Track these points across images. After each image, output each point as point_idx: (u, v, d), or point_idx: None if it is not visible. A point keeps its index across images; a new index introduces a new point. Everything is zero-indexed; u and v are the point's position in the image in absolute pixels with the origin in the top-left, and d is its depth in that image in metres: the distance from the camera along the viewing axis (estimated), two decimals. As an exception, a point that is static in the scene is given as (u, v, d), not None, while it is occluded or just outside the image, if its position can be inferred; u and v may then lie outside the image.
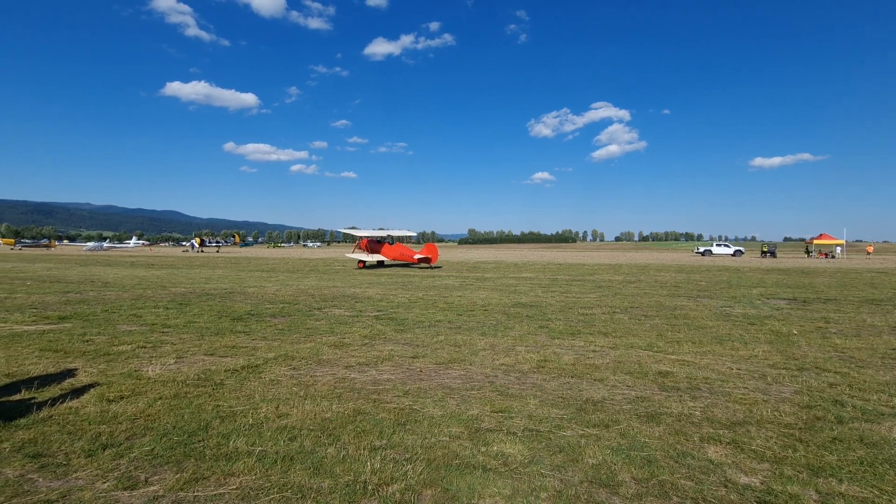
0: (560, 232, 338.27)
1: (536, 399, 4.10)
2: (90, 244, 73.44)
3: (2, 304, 9.85)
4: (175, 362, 5.29)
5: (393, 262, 25.85)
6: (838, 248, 53.87)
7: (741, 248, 56.31)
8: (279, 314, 8.85)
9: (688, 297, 12.27)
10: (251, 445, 3.09)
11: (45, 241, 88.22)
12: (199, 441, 3.15)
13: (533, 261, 36.94)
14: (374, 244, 25.18)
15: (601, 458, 2.99)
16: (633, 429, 3.46)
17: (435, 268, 24.96)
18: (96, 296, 11.45)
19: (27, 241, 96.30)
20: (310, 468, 2.79)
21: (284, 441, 3.16)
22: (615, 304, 10.62)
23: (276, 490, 2.55)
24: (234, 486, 2.58)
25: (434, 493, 2.55)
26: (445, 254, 60.16)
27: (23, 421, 3.44)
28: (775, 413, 3.82)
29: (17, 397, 4.01)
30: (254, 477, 2.69)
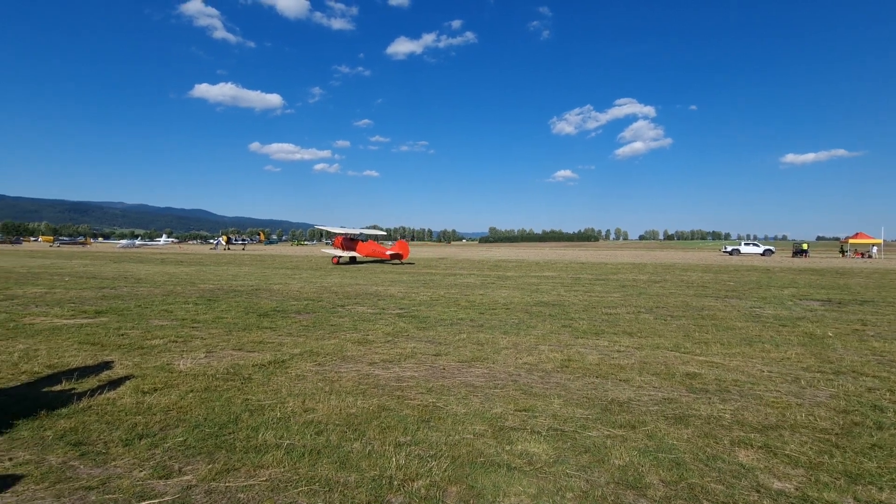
0: (582, 230, 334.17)
1: (560, 399, 4.07)
2: (123, 242, 76.09)
3: (43, 298, 10.30)
4: (205, 356, 5.44)
5: (365, 259, 27.25)
6: (875, 248, 51.65)
7: (771, 248, 54.56)
8: (304, 311, 9.00)
9: (715, 297, 11.97)
10: (279, 438, 3.16)
11: (80, 239, 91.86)
12: (230, 433, 3.24)
13: (555, 260, 36.61)
14: (348, 241, 26.90)
15: (628, 459, 2.95)
16: (660, 430, 3.40)
17: (407, 263, 26.34)
18: (129, 291, 11.86)
19: (65, 238, 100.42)
20: (336, 462, 2.84)
21: (311, 435, 3.22)
22: (640, 304, 10.43)
23: (304, 483, 2.60)
24: (264, 478, 2.65)
25: (459, 490, 2.56)
26: (466, 252, 60.09)
27: (64, 410, 3.59)
28: (810, 417, 3.69)
29: (58, 388, 4.19)
30: (283, 469, 2.74)
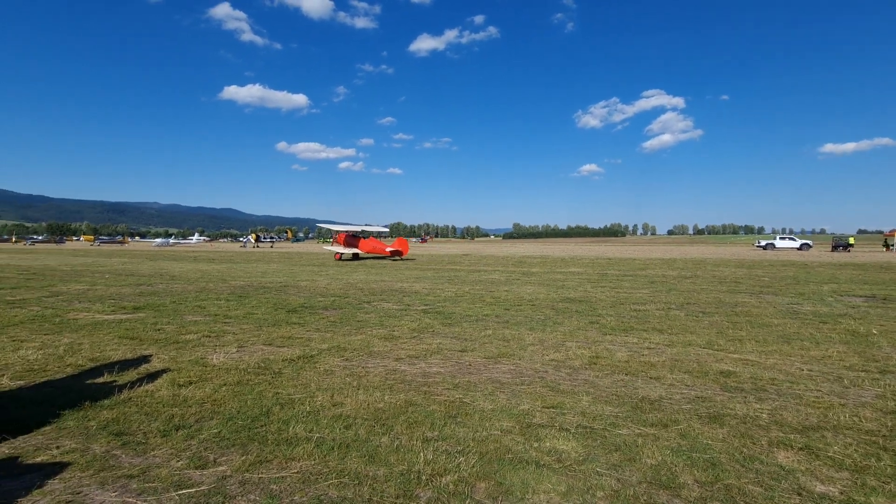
0: (609, 225, 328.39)
1: (589, 396, 4.01)
2: (158, 240, 78.90)
3: (85, 295, 10.77)
4: (237, 351, 5.59)
5: (367, 255, 27.96)
6: (924, 241, 48.87)
7: (808, 242, 52.35)
8: (331, 307, 9.13)
9: (749, 293, 11.57)
10: (309, 432, 3.21)
11: (119, 238, 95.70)
12: (262, 426, 3.31)
13: (581, 255, 36.08)
14: (350, 238, 27.90)
15: (660, 458, 2.88)
16: (693, 429, 3.31)
17: (407, 259, 27.39)
18: (165, 288, 12.28)
19: (104, 237, 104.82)
20: (365, 456, 2.87)
21: (340, 429, 3.26)
22: (670, 300, 10.18)
23: (334, 476, 2.64)
24: (296, 470, 2.70)
25: (487, 486, 2.55)
26: (490, 248, 59.83)
27: (106, 402, 3.75)
28: (854, 418, 3.53)
29: (100, 380, 4.38)
30: (313, 462, 2.79)
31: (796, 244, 51.32)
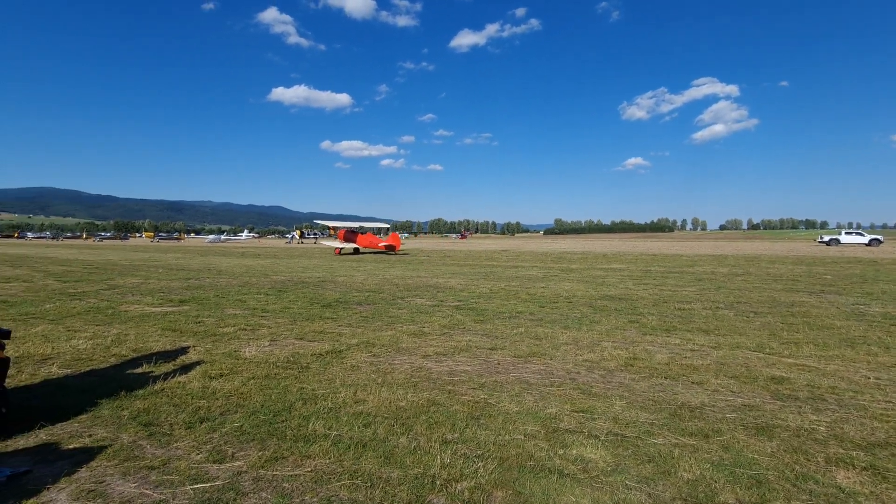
0: (655, 221, 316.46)
1: (623, 400, 3.76)
2: (210, 237, 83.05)
3: (138, 288, 11.38)
4: (269, 344, 5.68)
5: (366, 250, 29.90)
6: None
7: (878, 237, 48.23)
8: (364, 302, 9.19)
9: (808, 292, 10.71)
10: (328, 429, 3.17)
11: (176, 235, 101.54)
12: (282, 421, 3.31)
13: (624, 251, 34.87)
14: (350, 234, 29.92)
15: (699, 472, 2.64)
16: (738, 441, 3.02)
17: (401, 253, 29.32)
18: (211, 282, 12.80)
19: (163, 234, 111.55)
20: (381, 457, 2.79)
21: (359, 427, 3.20)
22: (718, 299, 9.58)
23: (347, 476, 2.57)
24: (309, 469, 2.66)
25: (505, 496, 2.41)
26: (529, 244, 58.95)
27: (140, 392, 3.87)
28: (931, 436, 3.12)
29: (139, 370, 4.55)
30: (328, 461, 2.74)
31: (864, 239, 47.46)
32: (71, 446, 2.96)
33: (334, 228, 31.96)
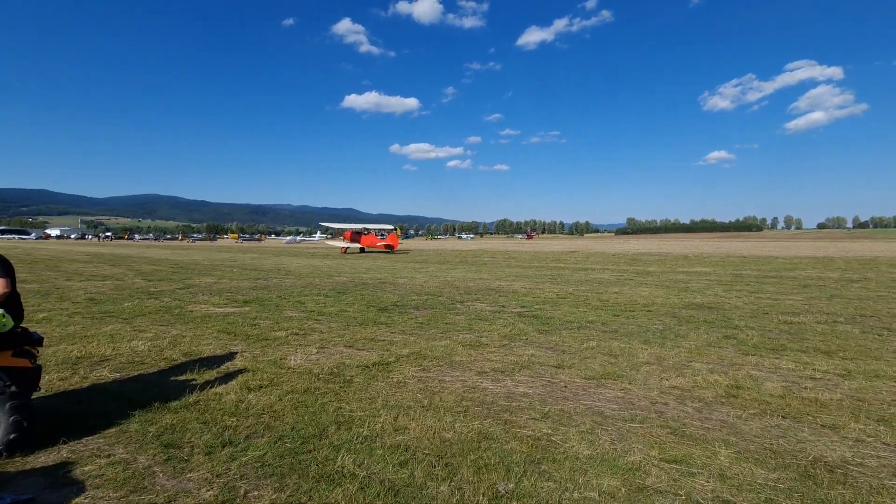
0: (741, 219, 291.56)
1: (729, 448, 2.93)
2: (287, 238, 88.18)
3: (210, 288, 11.83)
4: (316, 352, 5.38)
5: (370, 249, 33.20)
6: None
7: None
8: (422, 306, 8.77)
9: (957, 304, 8.76)
10: (358, 466, 2.69)
11: (257, 236, 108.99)
12: (310, 451, 2.88)
13: (707, 252, 31.94)
14: (356, 235, 33.55)
15: (861, 579, 1.82)
16: (914, 528, 2.13)
17: (400, 252, 32.54)
18: (277, 283, 13.07)
19: (246, 235, 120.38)
20: (415, 512, 2.25)
21: (394, 466, 2.69)
22: (834, 311, 8.06)
23: (369, 539, 2.06)
24: (327, 523, 2.17)
25: (573, 593, 1.76)
26: (600, 245, 56.11)
27: (174, 403, 3.64)
28: None
29: (182, 377, 4.38)
30: (350, 512, 2.25)
31: None
32: (87, 468, 2.71)
33: (340, 230, 36.02)
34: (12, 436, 2.79)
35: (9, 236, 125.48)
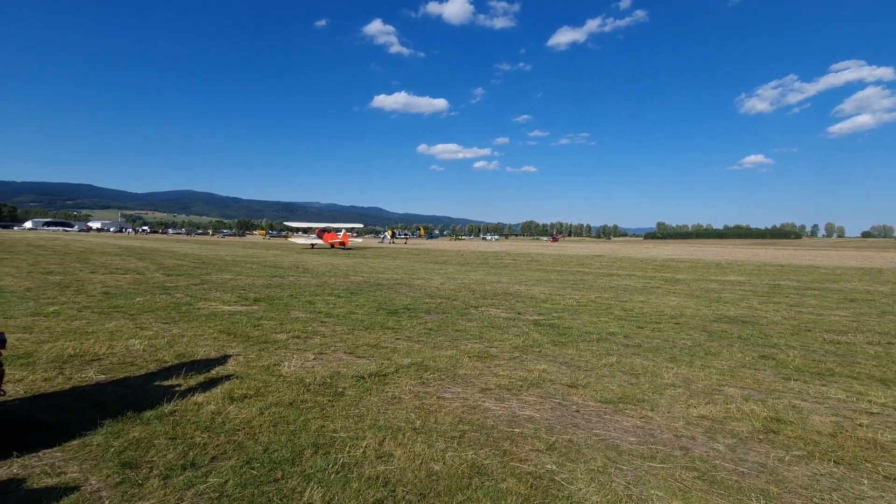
0: (778, 226, 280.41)
1: (770, 502, 2.45)
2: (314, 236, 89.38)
3: (225, 284, 11.77)
4: (314, 358, 5.08)
5: (329, 245, 38.35)
6: None
7: None
8: (434, 310, 8.41)
9: None
10: (328, 502, 2.33)
11: (284, 233, 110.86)
12: (277, 480, 2.54)
13: (742, 260, 30.48)
14: (321, 233, 40.47)
15: None
16: None
17: (348, 249, 37.64)
18: (293, 281, 12.94)
19: (273, 232, 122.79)
20: (380, 571, 1.87)
21: (367, 505, 2.32)
22: (888, 330, 7.29)
23: None
24: (272, 582, 1.82)
25: None
26: (627, 249, 54.52)
27: (148, 413, 3.37)
28: None
29: (167, 382, 4.13)
30: (304, 568, 1.89)
31: None
32: (33, 486, 2.45)
33: (305, 229, 43.33)
34: (-42, 447, 2.57)
35: (54, 228, 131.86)
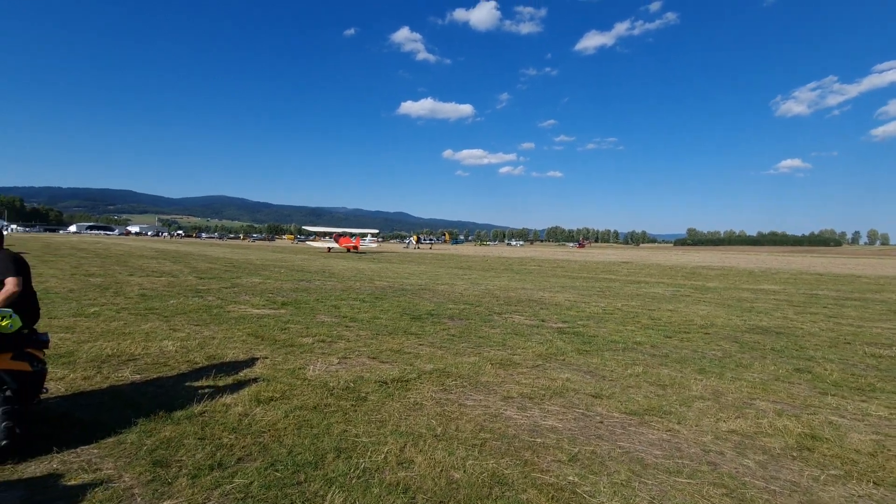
0: (816, 233, 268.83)
1: (803, 524, 2.35)
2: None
3: (254, 288, 12.07)
4: (338, 362, 5.16)
5: (346, 249, 39.43)
6: None
7: None
8: (457, 316, 8.41)
9: None
10: (348, 507, 2.37)
11: (312, 237, 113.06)
12: (299, 483, 2.59)
13: (777, 268, 29.36)
14: (338, 237, 41.74)
15: None
16: None
17: (360, 252, 38.49)
18: (319, 285, 13.16)
19: (301, 237, 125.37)
20: (399, 578, 1.89)
21: (387, 511, 2.34)
22: (937, 344, 6.89)
23: None
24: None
25: None
26: (656, 256, 53.26)
27: (179, 413, 3.50)
28: None
29: (197, 383, 4.27)
30: (324, 571, 1.92)
31: None
32: (70, 482, 2.57)
33: (323, 234, 45.41)
34: (3, 443, 2.70)
35: (96, 232, 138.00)
